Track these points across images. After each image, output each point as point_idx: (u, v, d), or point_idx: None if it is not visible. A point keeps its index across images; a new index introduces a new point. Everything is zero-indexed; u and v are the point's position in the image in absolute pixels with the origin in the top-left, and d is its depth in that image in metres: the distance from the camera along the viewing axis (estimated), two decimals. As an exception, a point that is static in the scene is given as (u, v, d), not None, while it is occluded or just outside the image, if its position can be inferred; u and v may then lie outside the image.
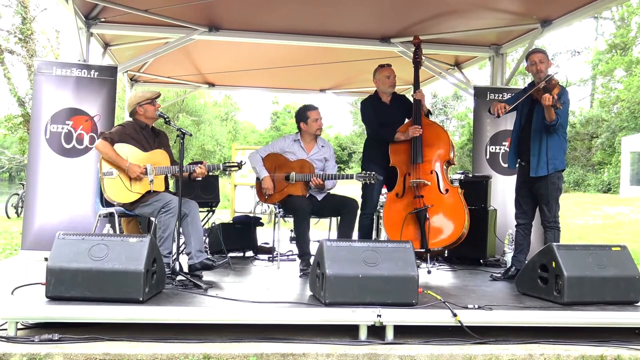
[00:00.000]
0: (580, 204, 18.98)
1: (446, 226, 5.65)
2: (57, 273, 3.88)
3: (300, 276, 5.49)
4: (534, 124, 5.35)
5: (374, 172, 5.72)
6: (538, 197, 5.41)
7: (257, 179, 6.01)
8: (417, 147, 5.76)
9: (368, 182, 5.75)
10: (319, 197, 5.96)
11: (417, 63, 6.12)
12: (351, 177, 5.89)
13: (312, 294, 4.43)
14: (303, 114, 6.04)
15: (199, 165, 5.26)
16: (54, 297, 3.88)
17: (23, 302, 3.97)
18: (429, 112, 6.08)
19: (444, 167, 5.79)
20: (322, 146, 6.11)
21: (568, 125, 5.51)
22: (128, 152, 5.12)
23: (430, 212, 5.63)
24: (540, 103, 5.11)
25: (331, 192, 6.09)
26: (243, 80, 10.88)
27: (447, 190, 5.70)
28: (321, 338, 3.81)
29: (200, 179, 5.41)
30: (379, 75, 6.14)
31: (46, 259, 4.04)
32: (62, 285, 3.88)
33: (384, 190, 6.22)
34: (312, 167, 5.89)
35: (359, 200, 6.12)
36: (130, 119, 5.43)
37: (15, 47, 19.82)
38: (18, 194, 15.01)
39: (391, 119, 5.99)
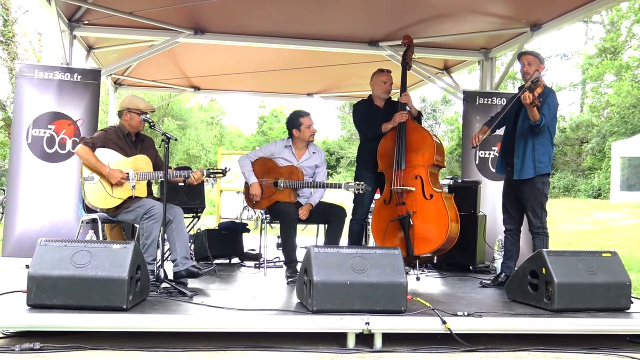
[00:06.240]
0: (570, 210, 19.01)
1: (430, 232, 5.52)
2: (39, 280, 3.81)
3: (287, 283, 5.44)
4: (519, 127, 5.32)
5: (363, 183, 5.62)
6: (523, 203, 5.37)
7: (246, 183, 5.93)
8: (401, 153, 5.64)
9: (357, 192, 5.67)
10: (307, 204, 5.89)
11: (405, 64, 6.00)
12: (339, 186, 5.75)
13: (299, 301, 4.38)
14: (295, 121, 5.91)
15: (195, 170, 5.18)
16: (36, 305, 3.81)
17: (3, 311, 3.88)
18: (419, 114, 5.98)
19: (431, 171, 5.65)
20: (313, 152, 6.00)
21: (557, 129, 5.48)
22: (110, 157, 5.04)
23: (414, 219, 5.52)
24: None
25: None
26: (229, 84, 10.82)
27: (431, 196, 5.55)
28: (309, 346, 3.76)
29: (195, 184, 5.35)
30: (376, 79, 6.04)
31: (27, 266, 3.99)
32: (44, 292, 3.81)
33: (377, 195, 6.12)
34: (301, 173, 5.79)
35: (348, 207, 6.06)
36: (114, 124, 5.37)
37: (-4, 50, 19.67)
38: (-2, 200, 14.82)
39: (383, 123, 5.86)
